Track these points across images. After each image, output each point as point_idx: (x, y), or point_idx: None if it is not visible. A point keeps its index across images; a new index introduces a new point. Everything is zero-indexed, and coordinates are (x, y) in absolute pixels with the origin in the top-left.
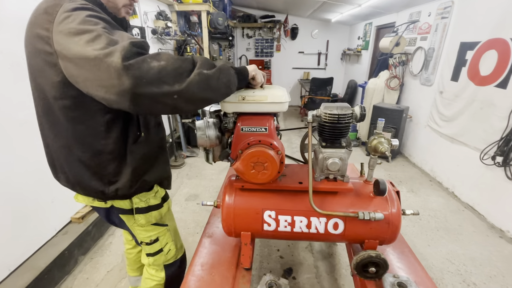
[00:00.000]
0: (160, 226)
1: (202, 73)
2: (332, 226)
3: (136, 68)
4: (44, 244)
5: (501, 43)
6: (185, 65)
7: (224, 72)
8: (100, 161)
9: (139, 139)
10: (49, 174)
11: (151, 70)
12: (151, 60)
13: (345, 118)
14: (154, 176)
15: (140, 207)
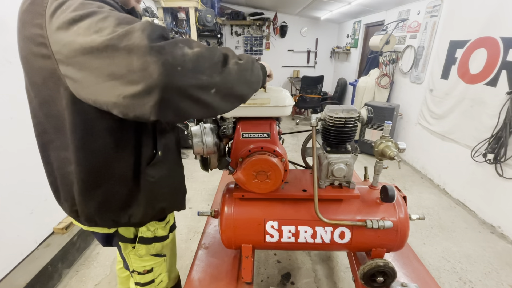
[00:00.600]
0: (158, 257)
1: (239, 63)
2: (339, 236)
3: (169, 52)
4: (23, 259)
5: (490, 41)
6: (218, 53)
7: (255, 64)
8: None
9: (155, 159)
10: (26, 184)
11: (186, 56)
12: (183, 45)
13: (352, 122)
14: (173, 201)
15: (145, 237)
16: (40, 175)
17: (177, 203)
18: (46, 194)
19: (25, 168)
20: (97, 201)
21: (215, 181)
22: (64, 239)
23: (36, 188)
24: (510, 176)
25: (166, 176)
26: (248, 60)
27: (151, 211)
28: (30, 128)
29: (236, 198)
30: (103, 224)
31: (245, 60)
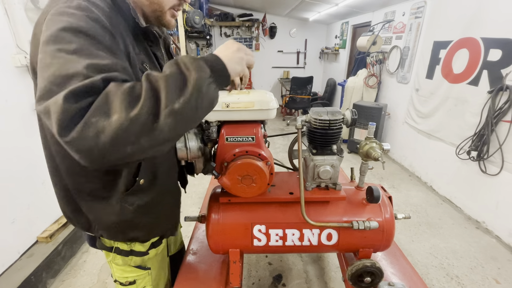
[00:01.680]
0: (142, 269)
1: (174, 110)
2: (326, 237)
3: (79, 142)
4: (5, 270)
5: (472, 42)
6: (147, 106)
7: (202, 91)
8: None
9: (134, 187)
10: (6, 192)
11: (101, 136)
12: (97, 119)
13: (336, 124)
14: (153, 231)
15: (121, 249)
16: (22, 182)
17: (159, 232)
18: (29, 202)
19: (5, 176)
20: (69, 208)
21: (206, 184)
22: (49, 248)
23: (18, 196)
24: (492, 172)
25: (148, 204)
26: (195, 90)
27: (121, 238)
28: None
29: (222, 203)
30: (78, 225)
31: (189, 95)
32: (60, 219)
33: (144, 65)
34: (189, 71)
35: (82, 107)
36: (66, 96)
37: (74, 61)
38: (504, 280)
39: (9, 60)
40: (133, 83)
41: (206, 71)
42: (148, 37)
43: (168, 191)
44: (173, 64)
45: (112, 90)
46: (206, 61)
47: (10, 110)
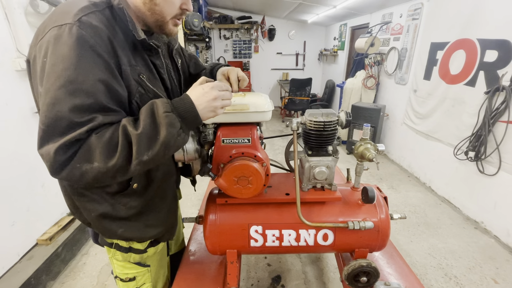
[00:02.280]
0: (141, 266)
1: (142, 161)
2: (322, 238)
3: (68, 178)
4: (5, 272)
5: (468, 43)
6: (121, 158)
7: (170, 145)
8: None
9: (128, 190)
10: (6, 195)
11: (85, 176)
12: (81, 165)
13: (331, 125)
14: (147, 234)
15: (120, 245)
16: (22, 185)
17: (153, 235)
18: (28, 205)
19: (5, 179)
20: (71, 204)
21: (205, 185)
22: (48, 251)
23: (18, 199)
24: (490, 173)
25: (142, 207)
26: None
27: (117, 237)
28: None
29: (219, 204)
30: (81, 220)
31: (155, 151)
32: (60, 221)
33: (141, 76)
34: (160, 127)
35: (69, 156)
36: (56, 151)
37: (60, 101)
38: (503, 280)
39: (9, 64)
40: (111, 134)
41: (176, 126)
42: (147, 48)
43: (163, 196)
44: (148, 115)
45: (93, 143)
46: (179, 113)
47: (10, 113)
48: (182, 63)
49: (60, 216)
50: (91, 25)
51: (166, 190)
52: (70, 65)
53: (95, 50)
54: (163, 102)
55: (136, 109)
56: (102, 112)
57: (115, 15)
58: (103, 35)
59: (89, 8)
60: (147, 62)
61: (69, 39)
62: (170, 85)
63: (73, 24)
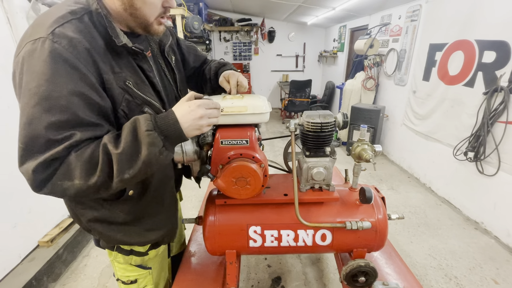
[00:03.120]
0: (143, 268)
1: (124, 179)
2: (320, 238)
3: (52, 193)
4: (6, 274)
5: (466, 44)
6: (102, 176)
7: (152, 163)
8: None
9: (124, 197)
10: (7, 197)
11: (67, 191)
12: (62, 182)
13: (328, 127)
14: (147, 238)
15: (122, 247)
16: (23, 187)
17: (153, 239)
18: (30, 207)
19: (7, 180)
20: (71, 212)
21: (205, 187)
22: (50, 252)
23: (19, 201)
24: (490, 173)
25: (139, 212)
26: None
27: (116, 241)
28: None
29: (218, 205)
30: (82, 227)
31: (137, 169)
32: (61, 223)
33: (127, 83)
34: (142, 146)
35: (49, 174)
36: (35, 169)
37: (36, 119)
38: (503, 280)
39: (11, 67)
40: (91, 153)
41: (158, 145)
42: (131, 52)
43: (161, 201)
44: (129, 133)
45: (72, 161)
46: (162, 131)
47: (12, 116)
48: (177, 60)
49: (61, 218)
50: (66, 36)
51: (163, 194)
52: (43, 81)
53: (70, 63)
54: (146, 119)
55: (123, 118)
56: (80, 127)
57: (94, 21)
58: (79, 46)
59: (65, 17)
60: (134, 67)
61: (42, 54)
62: (162, 88)
63: (46, 38)
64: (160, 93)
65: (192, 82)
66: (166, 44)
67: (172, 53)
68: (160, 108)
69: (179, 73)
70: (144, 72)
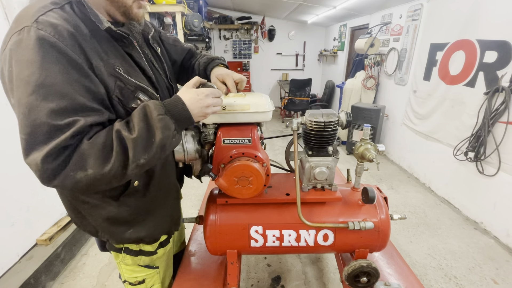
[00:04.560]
0: (150, 268)
1: (140, 164)
2: (322, 238)
3: (62, 186)
4: (4, 273)
5: (468, 44)
6: (117, 163)
7: (166, 147)
8: (82, 208)
9: (129, 189)
10: (7, 194)
11: (79, 183)
12: (75, 173)
13: (331, 126)
14: (156, 231)
15: (130, 249)
16: (22, 185)
17: (163, 231)
18: (28, 205)
19: (5, 179)
20: (74, 215)
21: (205, 186)
22: (48, 251)
23: (18, 199)
24: (490, 173)
25: (147, 205)
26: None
27: (127, 240)
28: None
29: (219, 204)
30: (86, 231)
31: (152, 154)
32: (60, 221)
33: (117, 69)
34: (156, 130)
35: (59, 163)
36: (43, 159)
37: (35, 107)
38: (502, 280)
39: None
40: (104, 139)
41: (171, 128)
42: (117, 38)
43: (166, 189)
44: (141, 119)
45: (86, 149)
46: (173, 115)
47: (10, 114)
48: (162, 51)
49: (60, 216)
50: (50, 23)
51: (168, 182)
52: (35, 69)
53: (57, 49)
54: (156, 104)
55: (118, 105)
56: (82, 112)
57: (75, 11)
58: (64, 32)
59: (47, 7)
60: (122, 54)
61: (29, 41)
62: (153, 75)
63: (31, 26)
64: (152, 79)
65: (178, 76)
66: (150, 33)
67: (157, 44)
68: (154, 93)
69: (167, 63)
70: (134, 59)
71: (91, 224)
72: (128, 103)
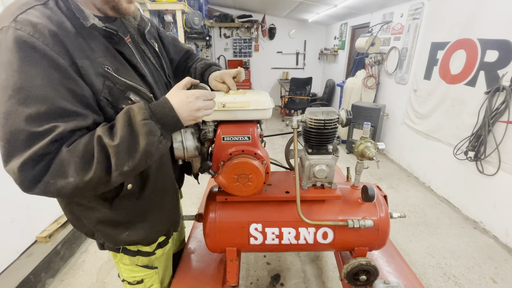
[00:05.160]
0: (149, 268)
1: (123, 172)
2: (322, 236)
3: (44, 193)
4: (4, 269)
5: (469, 43)
6: (99, 171)
7: (152, 153)
8: (76, 210)
9: (123, 192)
10: (6, 191)
11: (62, 190)
12: (55, 180)
13: (331, 124)
14: (152, 234)
15: (128, 249)
16: None
17: (160, 232)
18: (28, 202)
19: (5, 176)
20: (71, 217)
21: (205, 184)
22: (48, 248)
23: (17, 196)
24: (490, 173)
25: (143, 208)
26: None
27: (123, 242)
28: None
29: (219, 202)
30: (83, 232)
31: (136, 161)
32: (59, 219)
33: (106, 68)
34: (139, 136)
35: (39, 171)
36: (20, 167)
37: (13, 113)
38: (501, 279)
39: None
40: (84, 147)
41: (156, 134)
42: (106, 36)
43: (163, 191)
44: (124, 123)
45: (65, 157)
46: (158, 119)
47: None
48: (160, 47)
49: (60, 214)
50: (30, 22)
51: (164, 185)
52: (13, 72)
53: (37, 50)
54: (140, 108)
55: (108, 106)
56: (62, 118)
57: (61, 7)
58: (44, 31)
59: (28, 4)
60: (111, 52)
61: (7, 44)
62: (147, 72)
63: (9, 26)
64: (145, 77)
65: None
66: (146, 28)
67: (155, 40)
68: (146, 92)
69: (165, 59)
70: (124, 56)
71: (87, 226)
72: (118, 103)
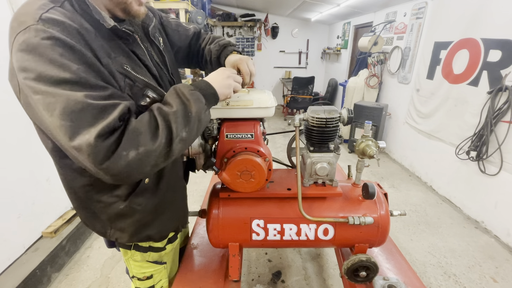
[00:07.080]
0: (158, 264)
1: (182, 138)
2: (322, 232)
3: (113, 168)
4: (11, 264)
5: (472, 43)
6: (164, 138)
7: (201, 119)
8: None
9: (139, 187)
10: (13, 188)
11: (131, 163)
12: (128, 152)
13: (333, 122)
14: (165, 228)
15: (140, 245)
16: (27, 179)
17: (172, 228)
18: (34, 198)
19: (12, 171)
20: (85, 215)
21: (207, 182)
22: (53, 243)
23: (24, 192)
24: (492, 172)
25: (157, 204)
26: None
27: (136, 238)
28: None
29: (222, 198)
30: (95, 231)
31: (191, 126)
32: (65, 214)
33: (125, 67)
34: (190, 103)
35: (110, 143)
36: (97, 137)
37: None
38: (502, 279)
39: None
40: (149, 117)
41: (202, 101)
42: (121, 36)
43: (175, 187)
44: (175, 97)
45: (136, 127)
46: (201, 89)
47: (15, 107)
48: (164, 42)
49: (65, 210)
50: (55, 20)
51: (175, 179)
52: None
53: (71, 47)
54: (184, 84)
55: None
56: (120, 97)
57: (76, 8)
58: (71, 30)
59: (47, 5)
60: (127, 52)
61: (41, 41)
62: (157, 72)
63: (36, 24)
64: (157, 77)
65: (184, 61)
66: (150, 25)
67: (159, 35)
68: (161, 90)
69: (169, 55)
70: (138, 56)
71: (102, 223)
72: (137, 100)
